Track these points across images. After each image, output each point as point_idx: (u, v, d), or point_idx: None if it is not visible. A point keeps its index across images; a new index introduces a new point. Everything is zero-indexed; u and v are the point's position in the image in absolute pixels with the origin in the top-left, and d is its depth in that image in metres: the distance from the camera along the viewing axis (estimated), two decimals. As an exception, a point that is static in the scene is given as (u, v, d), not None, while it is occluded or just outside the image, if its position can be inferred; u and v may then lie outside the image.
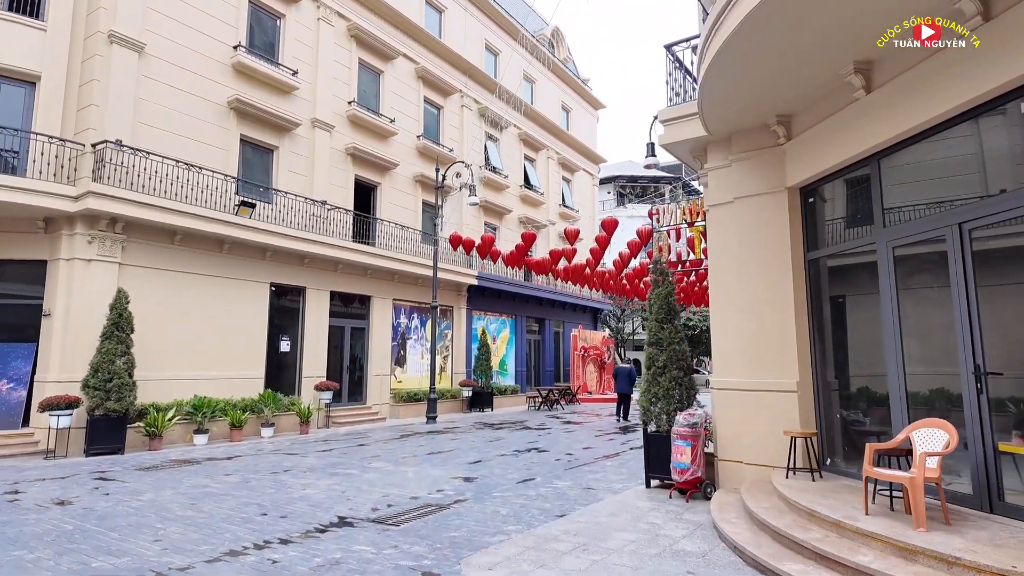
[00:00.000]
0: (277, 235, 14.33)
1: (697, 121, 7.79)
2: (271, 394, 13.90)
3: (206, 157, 13.79)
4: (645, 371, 8.08)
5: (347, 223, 16.94)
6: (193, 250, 13.22)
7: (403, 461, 10.15)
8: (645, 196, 54.49)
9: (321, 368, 15.93)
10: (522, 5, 28.41)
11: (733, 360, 7.46)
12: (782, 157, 7.24)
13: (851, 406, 6.72)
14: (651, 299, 8.20)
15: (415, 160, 20.05)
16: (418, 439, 13.16)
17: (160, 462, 10.02)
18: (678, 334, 7.96)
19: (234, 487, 8.00)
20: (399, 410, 17.84)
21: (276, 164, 15.59)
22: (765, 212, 7.30)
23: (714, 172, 7.88)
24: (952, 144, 5.42)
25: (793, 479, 6.29)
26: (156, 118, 12.99)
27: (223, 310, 13.71)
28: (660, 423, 7.75)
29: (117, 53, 12.30)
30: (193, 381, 12.94)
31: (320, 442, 12.72)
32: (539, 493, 7.62)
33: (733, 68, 5.97)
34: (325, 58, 17.01)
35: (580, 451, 11.35)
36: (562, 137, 29.24)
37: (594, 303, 29.17)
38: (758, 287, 7.24)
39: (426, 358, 19.69)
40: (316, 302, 16.02)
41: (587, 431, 14.81)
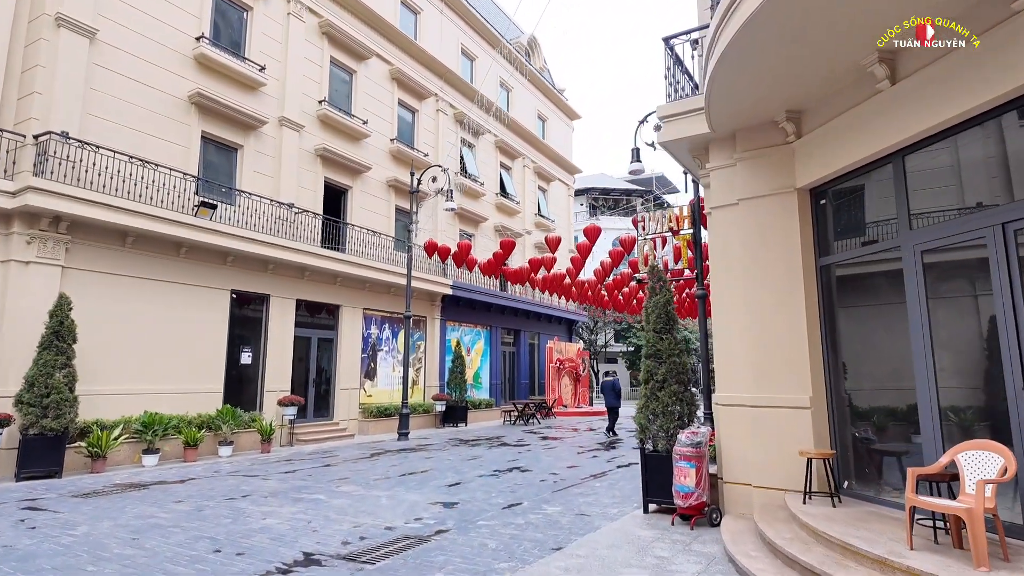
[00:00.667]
0: (240, 238, 13.39)
1: (697, 118, 7.30)
2: (230, 410, 12.89)
3: (164, 154, 12.82)
4: (642, 385, 7.48)
5: (316, 228, 16.06)
6: (147, 253, 12.21)
7: (375, 484, 9.33)
8: (617, 208, 54.59)
9: (285, 381, 14.96)
10: (500, 14, 28.03)
11: (739, 374, 6.91)
12: (791, 156, 6.76)
13: (869, 424, 6.21)
14: (648, 308, 7.62)
15: (388, 164, 19.29)
16: (390, 458, 12.31)
17: (102, 487, 9.00)
18: (678, 345, 7.39)
19: (185, 516, 7.09)
20: (368, 426, 16.91)
21: (240, 164, 14.67)
22: (773, 215, 6.80)
23: (716, 172, 7.37)
24: (991, 137, 4.98)
25: (811, 504, 5.73)
26: (108, 110, 12.01)
27: (179, 319, 12.69)
28: (659, 442, 7.15)
29: (65, 38, 11.31)
30: (144, 396, 11.88)
31: (283, 462, 11.78)
32: (529, 521, 6.92)
33: (747, 58, 5.47)
34: (295, 55, 16.19)
35: (565, 470, 10.68)
36: (538, 146, 28.82)
37: (569, 314, 28.68)
38: (765, 295, 6.72)
39: (398, 371, 18.82)
40: (281, 311, 15.07)
41: (568, 448, 14.15)
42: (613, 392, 17.27)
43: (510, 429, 18.95)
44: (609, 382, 17.61)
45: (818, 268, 6.60)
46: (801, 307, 6.48)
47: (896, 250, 5.63)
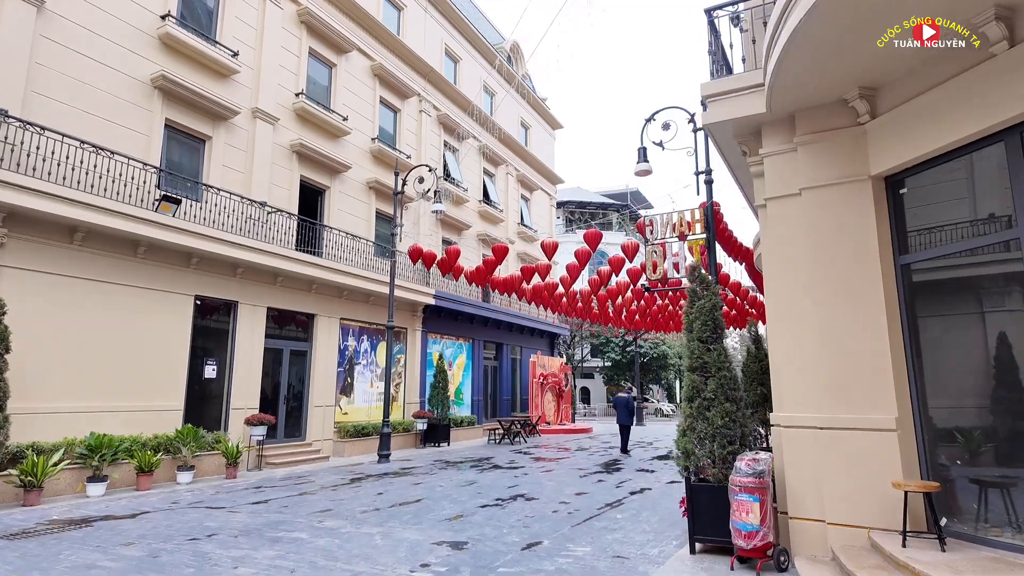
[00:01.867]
0: (206, 238, 12.00)
1: (749, 97, 6.40)
2: (192, 430, 11.41)
3: (122, 142, 11.43)
4: (685, 403, 6.46)
5: (290, 229, 14.73)
6: (99, 253, 10.76)
7: (364, 518, 8.06)
8: (593, 221, 54.12)
9: (254, 398, 13.51)
10: (483, 20, 27.24)
11: (804, 392, 5.95)
12: (862, 139, 5.89)
13: (969, 449, 5.30)
14: (691, 315, 6.63)
15: (369, 165, 18.09)
16: (373, 484, 11.01)
17: (35, 524, 7.53)
18: (727, 357, 6.41)
19: (136, 566, 5.75)
20: (344, 447, 15.51)
21: (208, 156, 13.31)
22: (842, 206, 5.90)
23: (772, 159, 6.46)
24: None
25: (915, 548, 4.76)
26: (57, 89, 10.60)
27: (135, 327, 11.23)
28: (708, 470, 6.12)
29: (8, 6, 9.92)
30: (91, 414, 10.38)
31: (252, 490, 10.38)
32: (558, 567, 5.78)
33: (827, 25, 4.60)
34: (271, 43, 14.96)
35: (574, 498, 9.57)
36: (521, 154, 27.95)
37: (552, 327, 27.68)
38: (837, 298, 5.79)
39: (376, 386, 17.48)
40: (250, 320, 13.65)
41: (567, 470, 13.03)
42: (626, 410, 16.28)
43: (497, 449, 17.74)
44: (623, 399, 16.61)
45: (898, 267, 5.71)
46: (881, 312, 5.57)
47: (998, 248, 4.76)
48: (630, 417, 16.40)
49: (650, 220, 11.72)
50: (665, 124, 11.74)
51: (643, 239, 12.52)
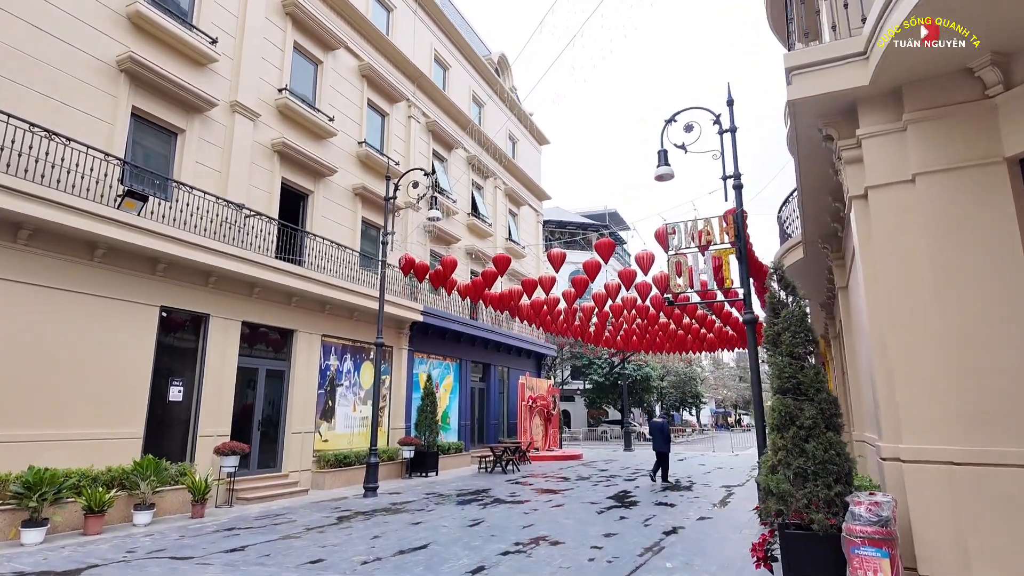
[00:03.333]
0: (175, 241, 10.54)
1: (842, 69, 5.42)
2: (152, 461, 9.81)
3: (81, 129, 9.99)
4: (772, 433, 5.34)
5: (270, 235, 13.33)
6: (48, 254, 9.24)
7: (366, 572, 6.66)
8: (573, 240, 53.42)
9: (225, 424, 11.94)
10: (471, 32, 26.44)
11: (930, 420, 4.86)
12: (992, 114, 4.94)
13: None
14: (778, 326, 5.54)
15: (355, 170, 16.82)
16: (365, 524, 9.57)
17: (-52, 587, 5.96)
18: (824, 376, 5.32)
19: (75, 654, 4.30)
20: (324, 479, 13.95)
21: (180, 151, 11.88)
22: (971, 194, 4.92)
23: (873, 140, 5.46)
24: None
25: (1123, 626, 3.67)
26: (7, 66, 9.16)
27: (89, 342, 9.67)
28: (813, 516, 4.97)
29: (-51, -36, 8.52)
30: (30, 444, 8.76)
31: (224, 533, 8.85)
32: (636, 644, 4.53)
33: None
34: (253, 32, 13.69)
35: (604, 540, 8.30)
36: (509, 168, 26.98)
37: (541, 347, 26.50)
38: (972, 301, 4.76)
39: (359, 410, 15.99)
40: (222, 335, 12.13)
41: (578, 504, 11.73)
42: (662, 435, 15.04)
43: (491, 479, 16.34)
44: (658, 424, 15.41)
45: (1045, 267, 4.72)
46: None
47: None
48: (667, 443, 15.11)
49: (672, 228, 10.75)
50: (687, 125, 10.85)
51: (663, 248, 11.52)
